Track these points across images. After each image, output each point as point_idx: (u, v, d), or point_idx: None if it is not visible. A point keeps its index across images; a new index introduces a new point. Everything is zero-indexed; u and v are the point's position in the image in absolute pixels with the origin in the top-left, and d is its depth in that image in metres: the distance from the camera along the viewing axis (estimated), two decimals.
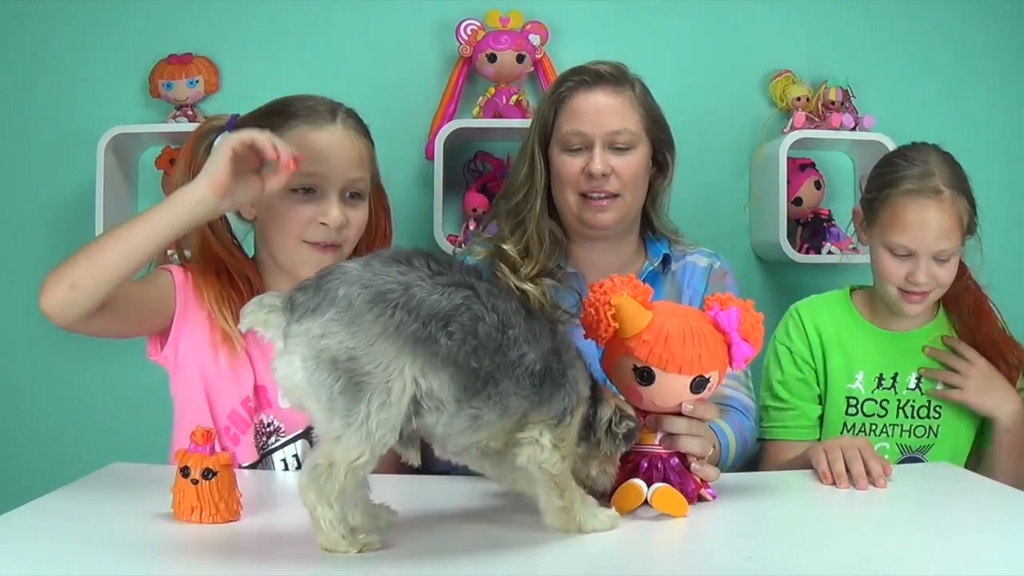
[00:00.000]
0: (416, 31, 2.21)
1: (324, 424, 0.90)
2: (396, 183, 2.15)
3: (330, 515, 0.90)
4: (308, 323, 0.88)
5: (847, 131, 2.12)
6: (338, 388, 0.87)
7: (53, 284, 1.19)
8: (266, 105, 1.41)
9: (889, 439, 1.61)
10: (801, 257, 2.13)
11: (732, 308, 1.11)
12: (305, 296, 0.89)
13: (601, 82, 1.52)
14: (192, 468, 1.03)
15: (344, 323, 0.87)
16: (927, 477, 1.41)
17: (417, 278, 0.90)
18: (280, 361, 0.90)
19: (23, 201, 2.20)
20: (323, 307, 0.88)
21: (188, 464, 1.03)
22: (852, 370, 1.63)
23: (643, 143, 1.54)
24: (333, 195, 1.34)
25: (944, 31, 2.28)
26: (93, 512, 1.09)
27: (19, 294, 2.21)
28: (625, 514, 1.07)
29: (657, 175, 1.60)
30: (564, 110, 1.53)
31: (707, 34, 2.23)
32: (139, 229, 1.18)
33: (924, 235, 1.51)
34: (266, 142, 1.17)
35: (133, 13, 2.19)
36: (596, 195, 1.51)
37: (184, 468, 1.03)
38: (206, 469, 1.02)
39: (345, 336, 0.87)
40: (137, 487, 1.21)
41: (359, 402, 0.87)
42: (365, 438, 0.88)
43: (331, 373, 0.87)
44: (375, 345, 0.87)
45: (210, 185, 1.16)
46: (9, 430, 2.19)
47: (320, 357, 0.87)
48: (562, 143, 1.53)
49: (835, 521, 1.17)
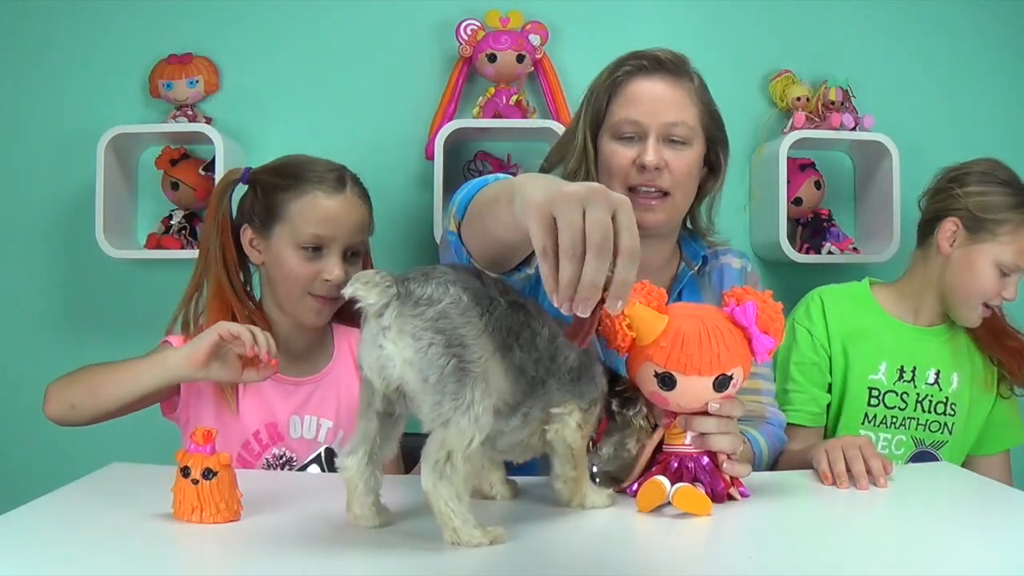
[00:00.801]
0: (416, 31, 2.21)
1: (432, 409, 0.93)
2: (396, 183, 2.16)
3: (461, 509, 0.93)
4: (424, 307, 0.93)
5: (847, 131, 2.12)
6: (449, 369, 0.92)
7: (55, 400, 1.37)
8: (278, 163, 1.55)
9: (906, 432, 1.64)
10: (801, 257, 2.13)
11: (748, 302, 1.11)
12: (417, 285, 0.95)
13: (660, 70, 1.44)
14: (192, 468, 1.03)
15: (457, 312, 0.93)
16: (927, 477, 1.41)
17: (497, 292, 0.99)
18: (388, 338, 0.93)
19: (23, 201, 2.20)
20: (438, 296, 0.94)
21: (188, 464, 1.03)
22: (876, 360, 1.65)
23: (699, 140, 1.45)
24: (336, 255, 1.47)
25: (944, 31, 2.28)
26: (93, 512, 1.08)
27: (19, 294, 2.22)
28: (649, 511, 1.08)
29: (708, 177, 1.52)
30: (619, 95, 1.44)
31: (707, 34, 2.23)
32: (130, 376, 1.35)
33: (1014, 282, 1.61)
34: (248, 341, 1.31)
35: (133, 13, 2.19)
36: (645, 190, 1.42)
37: (184, 468, 1.03)
38: (206, 469, 1.03)
39: (459, 323, 0.93)
40: (137, 487, 1.21)
41: (465, 386, 0.92)
42: (474, 421, 0.92)
43: (444, 354, 0.92)
44: (480, 339, 0.94)
45: (188, 358, 1.33)
46: (9, 430, 2.19)
47: (435, 338, 0.92)
48: (613, 130, 1.44)
49: (835, 521, 1.16)
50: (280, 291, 1.50)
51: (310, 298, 1.47)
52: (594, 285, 0.81)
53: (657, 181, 1.42)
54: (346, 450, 1.01)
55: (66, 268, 2.21)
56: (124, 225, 2.15)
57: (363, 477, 1.00)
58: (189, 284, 1.51)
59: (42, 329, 2.22)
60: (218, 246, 1.50)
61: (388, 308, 0.93)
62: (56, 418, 1.37)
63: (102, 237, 2.03)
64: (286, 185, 1.48)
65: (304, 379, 1.52)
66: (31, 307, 2.22)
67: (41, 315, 2.22)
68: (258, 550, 0.96)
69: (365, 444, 1.00)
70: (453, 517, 0.92)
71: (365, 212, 1.52)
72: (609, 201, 0.81)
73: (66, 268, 2.21)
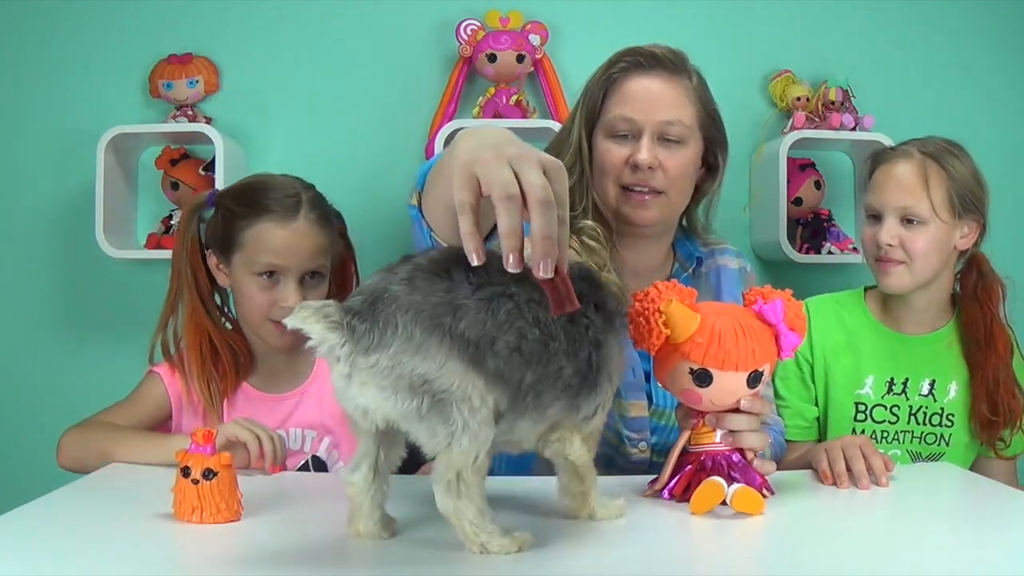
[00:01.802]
0: (416, 31, 2.21)
1: (429, 441, 0.90)
2: (396, 183, 2.16)
3: (485, 523, 0.91)
4: (376, 356, 0.87)
5: (847, 131, 2.12)
6: (424, 408, 0.87)
7: (67, 456, 1.43)
8: (240, 186, 1.55)
9: (900, 446, 1.60)
10: (801, 257, 2.13)
11: (776, 300, 1.13)
12: (364, 325, 0.88)
13: (657, 66, 1.40)
14: (193, 468, 1.03)
15: (411, 353, 0.86)
16: (928, 477, 1.41)
17: (462, 295, 0.88)
18: (355, 388, 0.89)
19: (23, 201, 2.20)
20: (387, 340, 0.87)
21: (189, 464, 1.03)
22: (861, 375, 1.61)
23: (695, 139, 1.42)
24: (293, 282, 1.47)
25: (944, 31, 2.28)
26: (93, 512, 1.08)
27: (19, 294, 2.21)
28: (704, 513, 1.08)
29: (706, 177, 1.49)
30: (614, 92, 1.41)
31: (707, 34, 2.23)
32: (138, 452, 1.35)
33: (889, 191, 1.56)
34: (254, 451, 1.30)
35: (133, 13, 2.19)
36: (639, 188, 1.39)
37: (185, 468, 1.03)
38: (207, 469, 1.02)
39: (416, 364, 0.86)
40: (137, 487, 1.21)
41: (450, 413, 0.87)
42: (472, 440, 0.88)
43: (412, 398, 0.87)
44: (445, 366, 0.87)
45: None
46: (9, 430, 2.20)
47: (397, 386, 0.87)
48: (608, 128, 1.41)
49: (835, 521, 1.16)
50: (243, 315, 1.53)
51: (270, 323, 1.47)
52: (547, 238, 0.81)
53: (650, 181, 1.39)
54: (350, 467, 0.98)
55: (66, 268, 2.21)
56: (124, 225, 2.15)
57: (369, 493, 0.96)
58: (163, 308, 1.52)
59: (42, 329, 2.22)
60: (189, 270, 1.51)
61: (343, 352, 0.88)
62: (68, 469, 1.42)
63: (102, 237, 2.03)
64: (241, 213, 1.48)
65: (285, 394, 1.54)
66: (31, 307, 2.22)
67: (41, 315, 2.22)
68: (258, 551, 0.96)
69: (368, 458, 0.97)
70: (480, 533, 0.91)
71: (321, 237, 1.50)
72: (540, 161, 0.83)
73: (66, 268, 2.21)
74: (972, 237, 1.60)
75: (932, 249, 1.55)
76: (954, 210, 1.56)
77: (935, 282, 1.60)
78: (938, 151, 1.57)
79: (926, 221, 1.54)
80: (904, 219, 1.55)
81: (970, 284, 1.63)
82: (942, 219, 1.55)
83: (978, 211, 1.59)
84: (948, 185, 1.55)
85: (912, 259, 1.55)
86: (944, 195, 1.55)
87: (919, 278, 1.57)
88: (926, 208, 1.54)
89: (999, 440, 1.59)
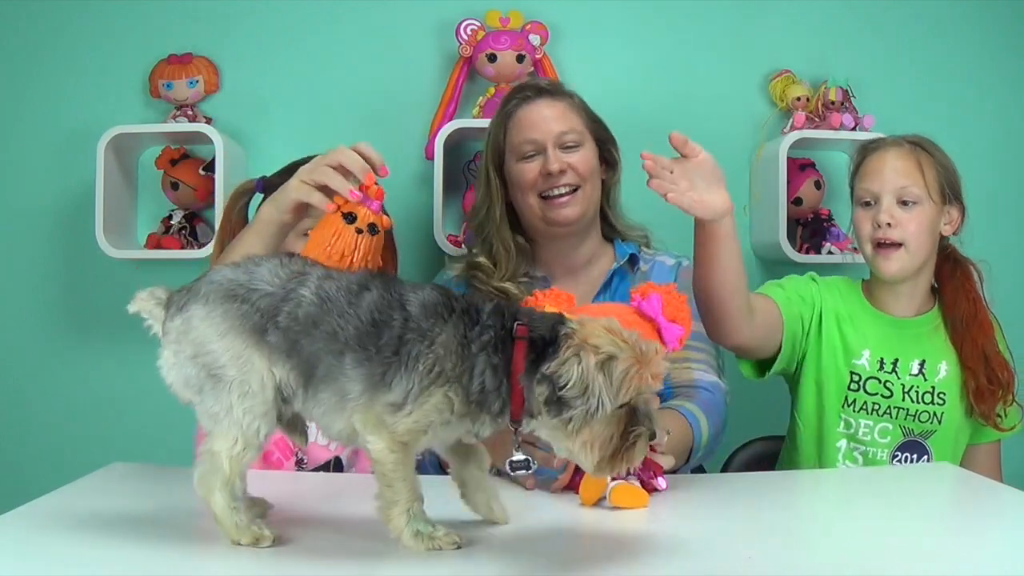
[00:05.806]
0: (416, 31, 2.21)
1: (205, 418, 0.95)
2: (396, 183, 2.16)
3: (221, 503, 0.94)
4: (177, 319, 0.95)
5: (847, 131, 2.12)
6: (202, 380, 0.94)
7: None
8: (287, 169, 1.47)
9: (892, 420, 1.63)
10: (801, 257, 2.13)
11: (652, 295, 1.13)
12: (179, 294, 0.97)
13: (542, 95, 1.67)
14: (360, 217, 1.01)
15: (200, 317, 0.94)
16: (927, 477, 1.41)
17: (261, 277, 0.95)
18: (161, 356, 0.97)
19: (23, 201, 2.20)
20: (189, 304, 0.95)
21: (355, 211, 1.02)
22: (860, 346, 1.65)
23: (589, 141, 1.67)
24: None
25: (944, 32, 2.28)
26: (93, 512, 1.08)
27: (19, 294, 2.22)
28: (591, 505, 1.13)
29: (607, 172, 1.72)
30: (513, 124, 1.66)
31: (707, 34, 2.23)
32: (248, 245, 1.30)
33: (886, 174, 1.61)
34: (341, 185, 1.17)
35: (133, 13, 2.19)
36: (557, 191, 1.62)
37: (349, 214, 1.02)
38: (372, 224, 1.02)
39: (202, 329, 0.94)
40: (137, 487, 1.22)
41: (222, 392, 0.93)
42: (234, 426, 0.93)
43: (192, 366, 0.94)
44: (225, 339, 0.93)
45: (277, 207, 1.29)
46: (9, 430, 2.20)
47: (184, 351, 0.94)
48: (517, 153, 1.65)
49: (835, 521, 1.16)
50: None
51: None
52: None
53: (564, 181, 1.62)
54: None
55: (66, 268, 2.21)
56: (124, 225, 2.15)
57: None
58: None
59: (42, 329, 2.22)
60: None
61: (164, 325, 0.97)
62: None
63: (102, 237, 2.03)
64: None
65: None
66: (31, 307, 2.22)
67: (41, 315, 2.22)
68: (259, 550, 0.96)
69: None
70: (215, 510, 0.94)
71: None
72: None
73: (66, 268, 2.21)
74: (955, 224, 1.66)
75: (925, 230, 1.61)
76: (944, 194, 1.63)
77: (921, 269, 1.65)
78: (923, 142, 1.66)
79: (921, 201, 1.60)
80: (900, 200, 1.61)
81: (947, 271, 1.69)
82: (934, 201, 1.61)
83: (960, 200, 1.65)
84: (937, 170, 1.62)
85: (908, 240, 1.60)
86: (935, 179, 1.62)
87: (916, 261, 1.63)
88: (921, 188, 1.60)
89: (997, 415, 1.63)
